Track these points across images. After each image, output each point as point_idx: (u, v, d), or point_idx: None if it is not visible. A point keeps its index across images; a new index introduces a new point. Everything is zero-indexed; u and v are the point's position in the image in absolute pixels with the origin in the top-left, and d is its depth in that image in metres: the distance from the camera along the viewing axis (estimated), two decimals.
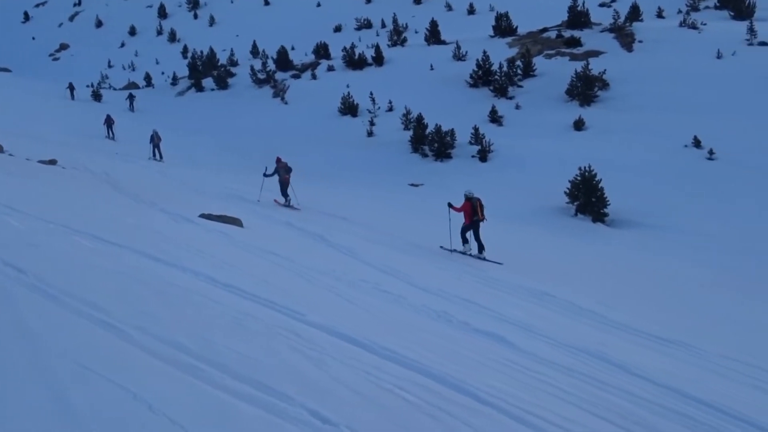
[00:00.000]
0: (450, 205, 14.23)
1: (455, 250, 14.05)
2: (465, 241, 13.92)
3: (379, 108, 35.32)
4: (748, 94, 28.64)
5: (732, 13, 40.66)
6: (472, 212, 13.68)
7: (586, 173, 21.78)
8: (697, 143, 25.44)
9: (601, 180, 21.54)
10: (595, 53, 35.91)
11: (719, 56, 32.45)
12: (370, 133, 32.72)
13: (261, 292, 6.39)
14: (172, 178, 19.40)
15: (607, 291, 12.15)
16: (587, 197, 21.56)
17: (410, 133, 30.62)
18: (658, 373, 6.59)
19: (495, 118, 31.36)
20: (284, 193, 17.54)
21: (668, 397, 5.94)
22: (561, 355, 6.71)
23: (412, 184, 25.84)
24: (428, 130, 29.50)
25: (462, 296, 9.08)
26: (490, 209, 15.67)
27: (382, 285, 8.69)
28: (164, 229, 10.08)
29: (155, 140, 25.24)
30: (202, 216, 12.07)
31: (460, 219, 14.14)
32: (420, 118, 30.36)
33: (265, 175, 17.72)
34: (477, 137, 28.60)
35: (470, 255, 13.83)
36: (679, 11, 43.35)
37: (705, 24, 37.30)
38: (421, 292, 8.96)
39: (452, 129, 28.88)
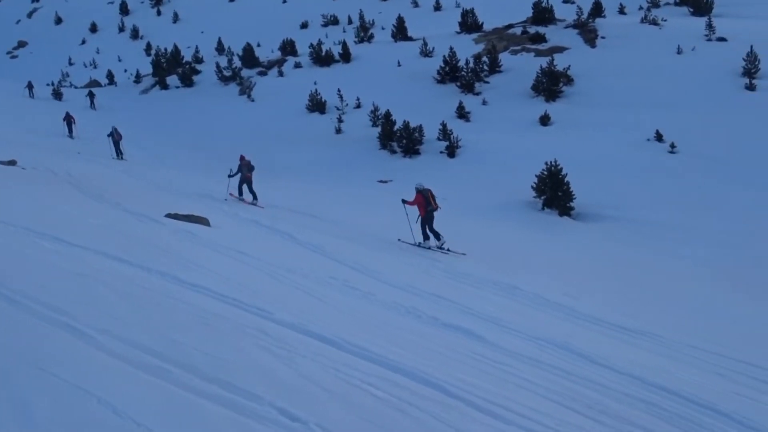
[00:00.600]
0: (403, 201, 14.38)
1: (420, 245, 14.16)
2: (426, 237, 14.10)
3: (347, 105, 35.24)
4: (707, 89, 29.33)
5: (691, 10, 41.53)
6: (425, 203, 13.90)
7: (552, 168, 22.05)
8: (659, 137, 25.95)
9: (567, 174, 21.83)
10: (560, 49, 36.34)
11: (679, 52, 33.13)
12: (338, 130, 32.63)
13: (229, 292, 6.34)
14: (137, 178, 19.09)
15: (574, 283, 12.32)
16: (554, 191, 21.83)
17: (378, 129, 30.62)
18: (624, 363, 6.72)
19: (462, 114, 31.55)
20: (249, 191, 17.39)
21: (633, 386, 6.06)
22: (529, 348, 6.79)
23: (381, 181, 25.86)
24: (396, 127, 29.54)
25: (431, 291, 9.13)
26: (458, 204, 15.74)
27: (351, 282, 8.69)
28: (129, 229, 9.92)
29: (115, 137, 24.80)
30: (169, 216, 11.90)
31: (416, 212, 14.25)
32: (388, 114, 30.38)
33: (229, 176, 17.58)
34: (445, 133, 28.73)
35: (433, 248, 13.97)
36: (640, 8, 44.11)
37: (665, 20, 38.03)
38: (391, 288, 8.98)
39: (420, 125, 28.97)
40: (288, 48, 46.92)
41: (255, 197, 17.34)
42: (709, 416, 5.48)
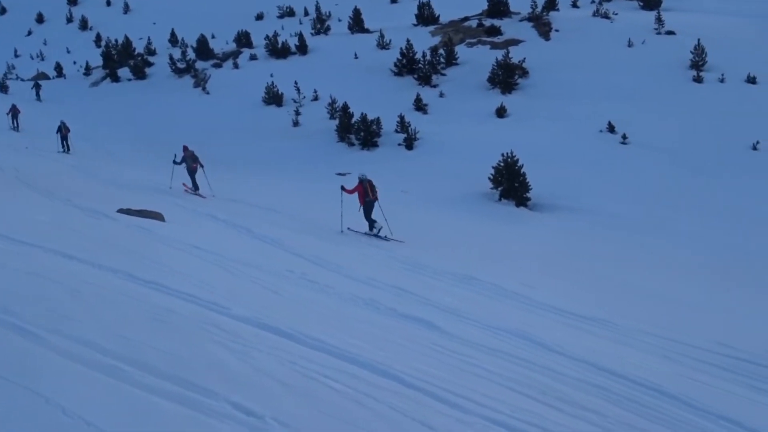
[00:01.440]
0: (342, 188, 14.75)
1: (368, 233, 14.52)
2: (371, 225, 14.49)
3: (304, 97, 34.97)
4: (656, 81, 30.10)
5: (641, 3, 42.43)
6: (365, 193, 14.32)
7: (509, 159, 22.33)
8: (611, 128, 26.53)
9: (523, 165, 22.14)
10: (515, 42, 36.75)
11: (630, 45, 33.88)
12: (295, 123, 32.37)
13: (183, 287, 6.24)
14: (88, 173, 18.61)
15: (530, 273, 12.53)
16: (510, 183, 22.12)
17: (336, 122, 30.49)
18: (578, 350, 6.87)
19: (420, 106, 31.65)
20: (194, 182, 17.47)
21: (586, 371, 6.21)
22: (486, 337, 6.88)
23: (340, 173, 25.76)
24: (354, 119, 29.47)
25: (390, 283, 9.17)
26: (416, 196, 15.74)
27: (310, 275, 8.66)
28: (80, 226, 9.67)
29: (63, 131, 24.14)
30: (121, 211, 11.64)
31: (353, 202, 14.72)
32: (346, 107, 30.27)
33: (174, 162, 17.67)
34: (403, 125, 28.78)
35: (378, 236, 14.38)
36: (593, 1, 44.90)
37: (616, 14, 38.81)
38: (349, 280, 8.98)
39: (378, 117, 28.96)
40: (243, 40, 46.25)
41: (197, 188, 17.47)
42: (657, 398, 5.66)
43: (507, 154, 22.44)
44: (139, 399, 3.48)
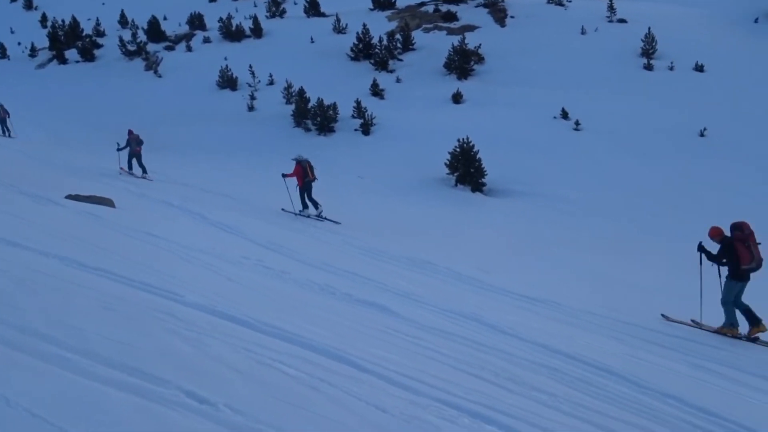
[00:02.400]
0: (283, 175, 15.11)
1: (299, 214, 14.92)
2: (305, 205, 14.93)
3: (259, 82, 34.52)
4: (609, 68, 30.73)
5: None
6: (303, 174, 14.76)
7: (465, 145, 22.54)
8: (564, 115, 27.01)
9: (478, 151, 22.38)
10: (471, 27, 36.97)
11: (583, 32, 34.46)
12: (250, 108, 31.96)
13: (135, 275, 6.11)
14: (34, 158, 18.02)
15: (484, 257, 12.72)
16: (466, 168, 22.35)
17: (292, 107, 30.23)
18: (529, 331, 7.02)
19: (376, 91, 31.61)
20: (139, 164, 17.88)
21: (539, 353, 6.35)
22: (440, 321, 6.97)
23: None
24: (310, 104, 29.26)
25: (346, 269, 9.18)
26: (373, 181, 15.68)
27: (265, 261, 8.60)
28: (26, 212, 9.35)
29: (1, 114, 23.24)
30: (69, 197, 11.32)
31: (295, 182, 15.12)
32: (302, 91, 30.02)
33: (118, 149, 18.06)
34: (360, 111, 28.72)
35: (311, 216, 14.78)
36: None
37: (570, 1, 39.41)
38: (305, 266, 8.96)
39: (335, 103, 28.82)
40: (196, 22, 45.30)
41: (144, 170, 17.78)
42: (606, 378, 5.83)
43: (463, 139, 22.64)
44: (88, 389, 3.41)
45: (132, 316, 4.85)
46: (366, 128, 28.00)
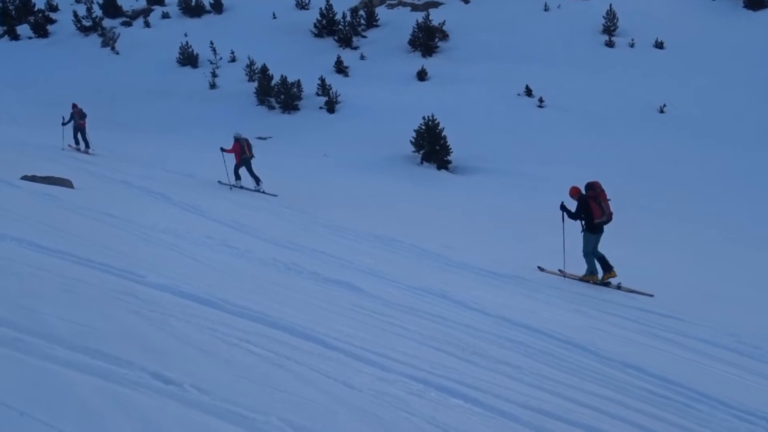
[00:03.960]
0: (222, 149, 15.86)
1: (233, 186, 15.56)
2: (237, 177, 15.69)
3: (221, 58, 33.87)
4: (571, 45, 30.96)
5: None
6: (242, 151, 15.53)
7: (430, 122, 22.55)
8: (528, 92, 27.19)
9: (444, 129, 22.43)
10: (435, 4, 36.76)
11: (546, 9, 34.58)
12: (212, 85, 31.39)
13: (95, 257, 5.99)
14: None
15: (450, 234, 12.80)
16: (431, 146, 22.39)
17: (255, 84, 29.78)
18: (494, 306, 7.12)
19: (341, 68, 31.33)
20: (83, 138, 18.47)
21: (503, 327, 6.46)
22: (406, 297, 7.02)
23: (260, 138, 25.27)
24: (274, 82, 28.85)
25: (312, 247, 9.16)
26: (338, 160, 15.53)
27: (229, 241, 8.52)
28: None
29: None
30: (25, 178, 11.01)
31: (233, 158, 15.84)
32: (265, 69, 29.57)
33: (63, 124, 18.59)
34: (324, 88, 28.45)
35: (246, 188, 15.54)
36: None
37: None
38: (270, 245, 8.91)
39: (299, 80, 28.48)
40: None
41: (87, 145, 18.41)
42: (568, 350, 5.96)
43: (428, 117, 22.65)
44: (48, 372, 3.34)
45: (93, 297, 4.75)
46: (331, 106, 27.78)
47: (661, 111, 25.49)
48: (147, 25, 40.03)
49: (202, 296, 5.24)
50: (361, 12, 36.09)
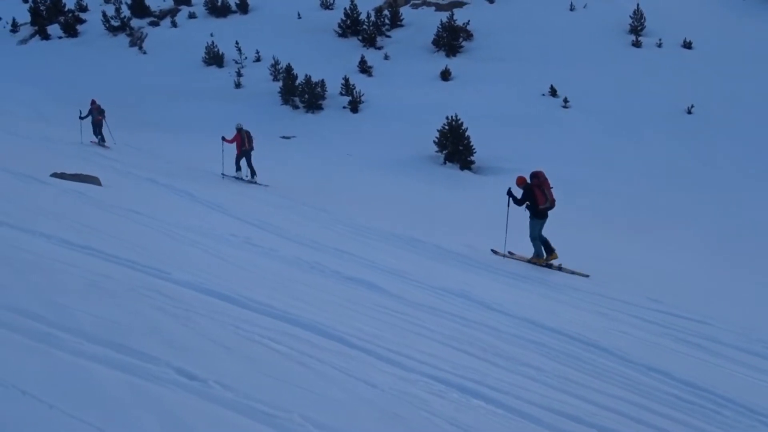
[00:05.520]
0: (223, 138, 16.23)
1: (234, 177, 15.94)
2: (238, 168, 15.98)
3: (246, 58, 34.14)
4: (597, 45, 30.64)
5: None
6: (242, 142, 15.86)
7: (453, 122, 22.49)
8: (553, 92, 26.97)
9: (467, 129, 22.35)
10: (460, 4, 36.65)
11: (572, 8, 34.27)
12: (237, 85, 31.66)
13: (122, 253, 6.08)
14: (17, 135, 17.77)
15: (472, 234, 12.76)
16: (455, 146, 22.33)
17: (280, 84, 29.97)
18: (516, 308, 7.08)
19: (365, 68, 31.38)
20: (97, 133, 19.14)
21: (525, 328, 6.42)
22: (428, 297, 7.01)
23: (284, 137, 25.46)
24: (298, 81, 29.00)
25: (334, 246, 9.19)
26: (361, 159, 15.57)
27: (253, 239, 8.58)
28: (10, 191, 9.25)
29: None
30: (55, 175, 11.20)
31: (232, 149, 16.23)
32: (289, 68, 29.74)
33: (80, 117, 19.33)
34: (348, 88, 28.52)
35: (243, 179, 15.81)
36: None
37: None
38: (293, 244, 8.96)
39: (322, 80, 28.59)
40: None
41: (103, 139, 19.14)
42: (592, 352, 5.91)
43: (451, 117, 22.59)
44: (76, 366, 3.40)
45: (119, 293, 4.83)
46: (354, 105, 27.84)
47: (689, 112, 25.10)
48: (174, 25, 40.52)
49: (226, 293, 5.29)
50: (386, 12, 36.11)
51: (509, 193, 11.00)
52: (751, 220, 16.81)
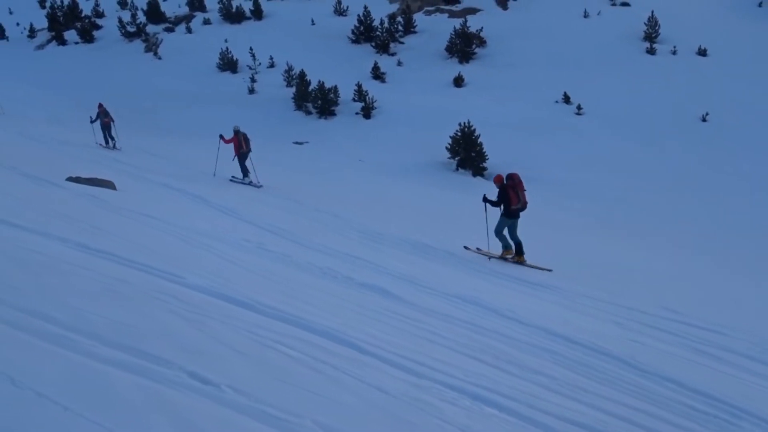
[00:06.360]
0: (221, 137, 16.40)
1: (234, 179, 16.13)
2: (246, 173, 16.15)
3: (259, 64, 34.35)
4: (611, 52, 30.55)
5: None
6: (239, 144, 16.10)
7: (466, 129, 22.47)
8: (566, 99, 26.90)
9: (480, 135, 22.32)
10: (473, 11, 36.70)
11: (586, 15, 34.21)
12: (251, 91, 31.84)
13: (136, 257, 6.12)
14: (34, 138, 17.96)
15: (483, 241, 12.70)
16: (467, 152, 22.31)
17: (293, 90, 30.11)
18: (529, 315, 7.05)
19: (378, 74, 31.47)
20: (106, 136, 19.45)
21: (537, 336, 6.38)
22: (440, 304, 6.99)
23: (297, 142, 25.55)
24: (311, 87, 29.13)
25: (346, 252, 9.19)
26: (374, 165, 15.58)
27: (266, 244, 8.60)
28: (26, 194, 9.35)
29: None
30: (70, 179, 11.30)
31: (227, 151, 16.43)
32: (303, 74, 29.88)
33: (91, 122, 19.81)
34: (360, 94, 28.61)
35: (249, 184, 15.93)
36: None
37: None
38: (305, 249, 8.97)
39: (335, 86, 28.69)
40: (196, 3, 44.96)
41: (114, 141, 19.46)
42: (605, 361, 5.86)
43: (464, 123, 22.58)
44: (91, 369, 3.42)
45: (133, 297, 4.86)
46: (367, 111, 27.91)
47: (704, 119, 24.93)
48: (189, 30, 40.87)
49: (239, 298, 5.30)
50: (399, 18, 36.22)
51: (485, 200, 11.43)
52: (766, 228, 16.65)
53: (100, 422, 2.83)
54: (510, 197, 10.95)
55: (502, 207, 11.06)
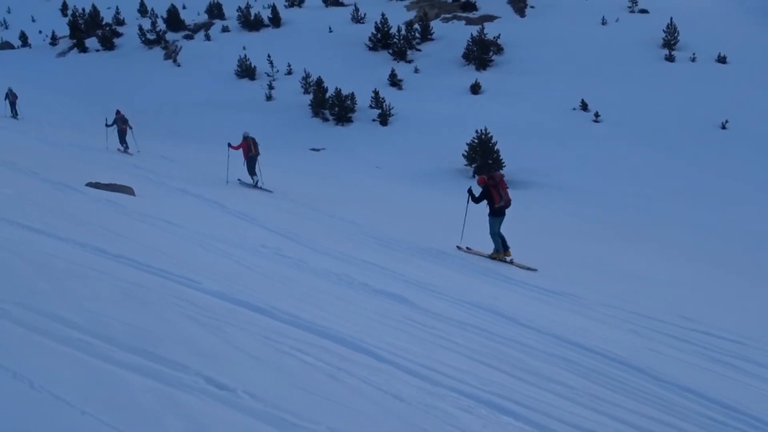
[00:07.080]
0: (229, 144, 16.67)
1: (242, 182, 16.39)
2: (253, 175, 16.46)
3: (277, 71, 34.57)
4: (629, 59, 30.36)
5: None
6: (248, 149, 16.50)
7: (483, 136, 22.43)
8: (584, 106, 26.76)
9: (496, 142, 22.26)
10: (490, 18, 36.69)
11: (604, 22, 34.05)
12: (269, 97, 32.04)
13: (154, 262, 6.17)
14: (55, 145, 18.21)
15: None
16: (484, 159, 22.26)
17: (310, 97, 30.26)
18: (546, 323, 6.99)
19: (395, 81, 31.53)
20: (122, 141, 19.99)
21: (554, 345, 6.33)
22: (457, 311, 6.96)
23: (314, 149, 25.65)
24: (328, 94, 29.25)
25: (363, 258, 9.19)
26: (391, 172, 15.58)
27: (283, 250, 8.63)
28: (47, 199, 9.48)
29: (10, 98, 23.98)
30: (90, 185, 11.44)
31: (238, 156, 16.60)
32: (320, 81, 30.02)
33: (106, 125, 20.25)
34: (377, 101, 28.68)
35: (256, 184, 16.25)
36: None
37: None
38: (322, 255, 8.99)
39: (352, 93, 28.79)
40: (215, 11, 45.42)
41: (127, 146, 19.97)
42: (623, 370, 5.79)
43: (481, 130, 22.54)
44: (108, 373, 3.45)
45: (151, 302, 4.90)
46: (384, 118, 27.96)
47: (723, 127, 24.66)
48: (208, 38, 41.27)
49: (256, 304, 5.32)
50: (416, 25, 36.30)
51: (469, 192, 11.99)
52: None
53: (116, 426, 2.85)
54: (493, 196, 11.41)
55: (488, 208, 11.52)
